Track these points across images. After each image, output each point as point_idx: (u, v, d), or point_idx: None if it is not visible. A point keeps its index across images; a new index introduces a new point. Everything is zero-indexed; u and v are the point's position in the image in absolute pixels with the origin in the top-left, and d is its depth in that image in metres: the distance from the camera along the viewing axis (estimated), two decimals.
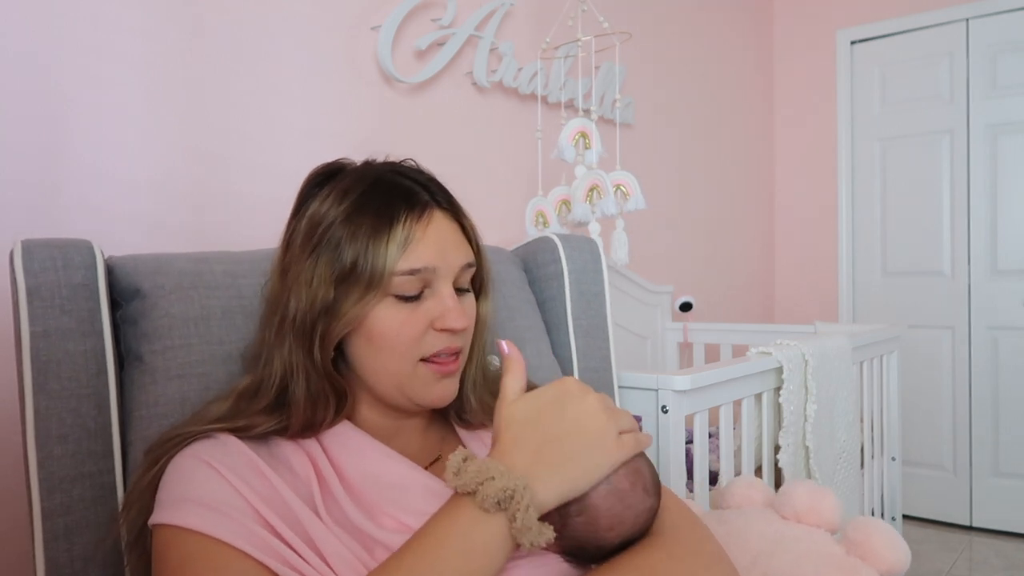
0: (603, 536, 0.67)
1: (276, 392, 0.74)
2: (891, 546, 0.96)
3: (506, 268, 1.24)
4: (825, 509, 1.03)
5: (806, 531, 1.00)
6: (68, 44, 1.23)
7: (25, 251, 0.80)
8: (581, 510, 0.66)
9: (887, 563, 0.95)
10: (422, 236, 0.72)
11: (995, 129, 2.90)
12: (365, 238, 0.71)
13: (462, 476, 0.60)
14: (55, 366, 0.79)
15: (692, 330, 2.58)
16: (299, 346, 0.72)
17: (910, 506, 3.05)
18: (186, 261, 0.92)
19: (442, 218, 0.75)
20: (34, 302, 0.79)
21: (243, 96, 1.47)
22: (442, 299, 0.73)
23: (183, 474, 0.66)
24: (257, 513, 0.64)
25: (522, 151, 2.09)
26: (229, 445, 0.69)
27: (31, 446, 0.78)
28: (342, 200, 0.74)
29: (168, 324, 0.86)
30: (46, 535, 0.78)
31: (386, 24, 1.68)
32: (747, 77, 3.22)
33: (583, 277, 1.29)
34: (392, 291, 0.72)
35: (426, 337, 0.73)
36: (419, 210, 0.73)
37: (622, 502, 0.67)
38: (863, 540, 0.97)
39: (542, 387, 0.66)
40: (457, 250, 0.75)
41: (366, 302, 0.71)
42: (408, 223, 0.72)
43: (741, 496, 1.13)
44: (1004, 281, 2.89)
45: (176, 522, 0.62)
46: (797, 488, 1.06)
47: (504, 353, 0.69)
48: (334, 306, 0.71)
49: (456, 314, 0.73)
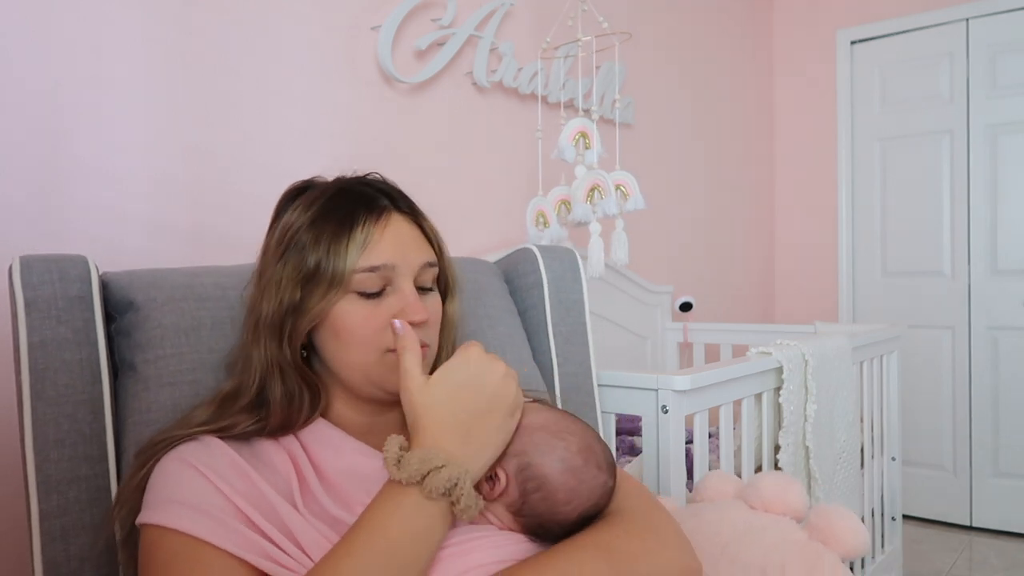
0: (561, 511, 0.72)
1: (256, 391, 0.78)
2: (851, 530, 1.01)
3: (487, 279, 1.29)
4: (791, 498, 1.07)
5: (773, 520, 1.04)
6: (68, 44, 1.22)
7: (24, 265, 0.84)
8: (538, 487, 0.72)
9: (847, 546, 1.00)
10: (380, 236, 0.77)
11: (995, 129, 2.90)
12: (327, 241, 0.76)
13: (405, 469, 0.63)
14: (52, 374, 0.83)
15: (692, 330, 2.58)
16: (272, 344, 0.78)
17: (910, 506, 3.05)
18: (178, 275, 0.97)
19: (401, 220, 0.80)
20: (32, 313, 0.83)
21: (243, 96, 1.47)
22: (403, 295, 0.77)
23: (169, 476, 0.70)
24: (238, 510, 0.67)
25: (522, 151, 2.09)
26: (212, 446, 0.73)
27: (29, 450, 0.81)
28: (308, 208, 0.79)
29: (160, 335, 0.90)
30: (44, 536, 0.80)
31: (386, 24, 1.68)
32: (747, 77, 3.22)
33: (562, 286, 1.35)
34: (353, 288, 0.76)
35: (388, 331, 0.77)
36: (377, 213, 0.79)
37: (576, 477, 0.73)
38: (825, 526, 1.02)
39: (450, 362, 0.70)
40: (417, 250, 0.80)
41: (329, 299, 0.76)
42: (367, 225, 0.77)
43: (714, 490, 1.17)
44: (1004, 281, 2.89)
45: (162, 522, 0.66)
46: (764, 479, 1.10)
47: (397, 331, 0.74)
48: (300, 304, 0.76)
49: (416, 307, 0.77)
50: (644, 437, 1.36)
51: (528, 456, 0.73)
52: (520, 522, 0.73)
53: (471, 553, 0.68)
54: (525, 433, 0.75)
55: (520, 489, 0.72)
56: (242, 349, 0.82)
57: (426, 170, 1.83)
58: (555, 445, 0.74)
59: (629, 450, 1.96)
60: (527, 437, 0.75)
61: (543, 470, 0.72)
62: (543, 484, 0.72)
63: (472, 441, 0.67)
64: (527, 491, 0.72)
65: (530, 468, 0.73)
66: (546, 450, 0.74)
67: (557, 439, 0.75)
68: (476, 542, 0.70)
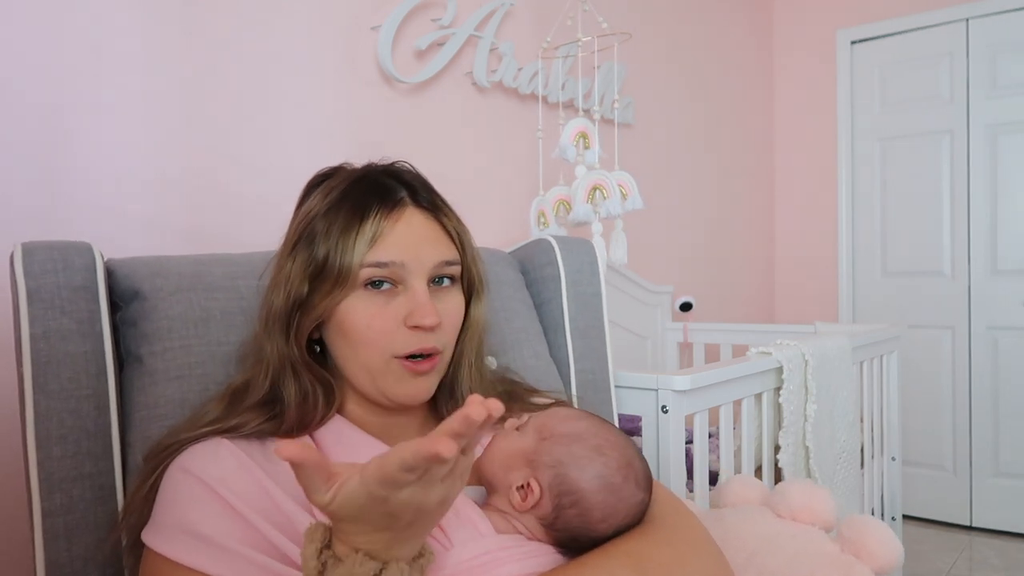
0: (595, 528, 0.68)
1: (268, 386, 0.75)
2: (885, 544, 0.96)
3: (503, 270, 1.24)
4: (820, 507, 1.03)
5: (801, 529, 1.01)
6: (68, 44, 1.22)
7: (26, 253, 0.80)
8: (574, 502, 0.68)
9: (880, 561, 0.95)
10: (391, 231, 0.73)
11: (995, 129, 2.90)
12: (337, 233, 0.72)
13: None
14: (55, 367, 0.80)
15: (692, 330, 2.58)
16: (282, 339, 0.74)
17: (910, 506, 3.04)
18: (185, 263, 0.93)
19: (417, 215, 0.76)
20: (34, 304, 0.79)
21: (243, 96, 1.47)
22: (414, 295, 0.73)
23: (178, 493, 0.67)
24: (248, 524, 0.64)
25: (522, 151, 2.09)
26: (221, 451, 0.69)
27: (31, 446, 0.78)
28: (326, 196, 0.76)
29: (167, 326, 0.86)
30: (46, 534, 0.78)
31: (386, 24, 1.68)
32: (747, 77, 3.22)
33: (580, 279, 1.30)
34: (361, 284, 0.72)
35: (399, 334, 0.73)
36: (390, 206, 0.74)
37: (615, 495, 0.69)
38: (857, 538, 0.97)
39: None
40: (432, 247, 0.75)
41: (335, 296, 0.72)
42: (378, 219, 0.73)
43: (737, 495, 1.13)
44: (1004, 281, 2.89)
45: (168, 554, 0.63)
46: (792, 487, 1.06)
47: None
48: (307, 299, 0.73)
49: (426, 310, 0.72)
50: (644, 437, 1.36)
51: (565, 469, 0.69)
52: (551, 535, 0.70)
53: (502, 565, 0.65)
54: (563, 443, 0.71)
55: (554, 503, 0.68)
56: (254, 341, 0.78)
57: (426, 170, 1.82)
58: (594, 460, 0.70)
59: None
60: (565, 448, 0.70)
61: (580, 485, 0.68)
62: (579, 500, 0.68)
63: (399, 539, 0.54)
64: (561, 506, 0.68)
65: (566, 482, 0.69)
66: (585, 464, 0.69)
67: (597, 453, 0.70)
68: (506, 552, 0.67)
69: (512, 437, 0.74)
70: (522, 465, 0.71)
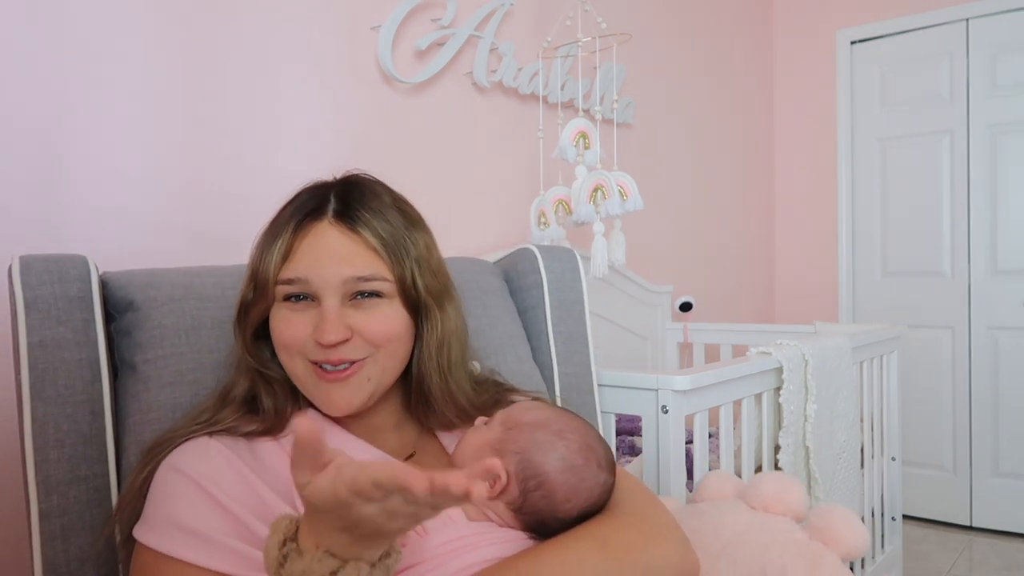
0: (561, 508, 0.73)
1: (243, 389, 0.79)
2: (851, 531, 1.02)
3: (488, 279, 1.29)
4: (791, 499, 1.07)
5: (773, 519, 1.05)
6: (68, 45, 1.22)
7: (23, 265, 0.84)
8: (539, 485, 0.72)
9: (847, 545, 1.01)
10: (299, 247, 0.76)
11: (995, 129, 2.90)
12: (261, 247, 0.78)
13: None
14: (52, 374, 0.83)
15: (692, 330, 2.58)
16: (239, 342, 0.80)
17: (910, 506, 3.05)
18: (177, 275, 0.97)
19: (331, 231, 0.76)
20: (32, 314, 0.83)
21: (243, 96, 1.47)
22: (320, 311, 0.74)
23: (169, 490, 0.70)
24: (236, 520, 0.67)
25: (522, 151, 2.09)
26: (211, 450, 0.73)
27: (29, 450, 0.81)
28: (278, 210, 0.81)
29: (160, 334, 0.90)
30: (43, 536, 0.81)
31: (386, 24, 1.68)
32: (747, 77, 3.22)
33: (562, 286, 1.35)
34: (280, 297, 0.76)
35: (309, 343, 0.75)
36: (305, 222, 0.77)
37: (577, 476, 0.74)
38: (824, 526, 1.02)
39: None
40: (341, 264, 0.74)
41: (259, 307, 0.77)
42: (287, 235, 0.76)
43: (714, 490, 1.17)
44: (1004, 281, 2.89)
45: (158, 547, 0.66)
46: (765, 479, 1.11)
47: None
48: (248, 308, 0.78)
49: (326, 327, 0.72)
50: (644, 437, 1.36)
51: (529, 454, 0.74)
52: (520, 519, 0.74)
53: (472, 549, 0.69)
54: (527, 431, 0.75)
55: (521, 487, 0.73)
56: (235, 347, 0.83)
57: (426, 170, 1.83)
58: (556, 444, 0.75)
59: (629, 450, 1.95)
60: (528, 435, 0.75)
61: (544, 468, 0.73)
62: (544, 482, 0.72)
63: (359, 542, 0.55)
64: (527, 489, 0.73)
65: (531, 466, 0.73)
66: (547, 449, 0.74)
67: (558, 438, 0.75)
68: (477, 538, 0.70)
69: (481, 430, 0.79)
70: (490, 455, 0.75)
